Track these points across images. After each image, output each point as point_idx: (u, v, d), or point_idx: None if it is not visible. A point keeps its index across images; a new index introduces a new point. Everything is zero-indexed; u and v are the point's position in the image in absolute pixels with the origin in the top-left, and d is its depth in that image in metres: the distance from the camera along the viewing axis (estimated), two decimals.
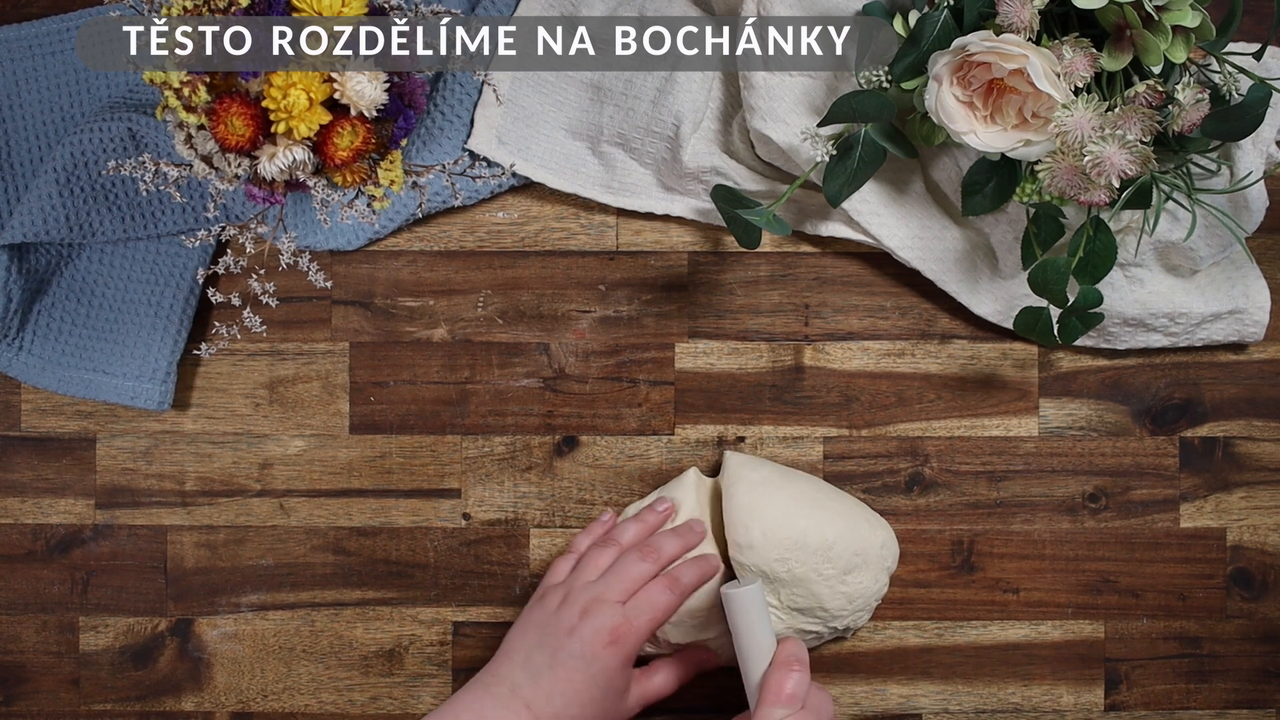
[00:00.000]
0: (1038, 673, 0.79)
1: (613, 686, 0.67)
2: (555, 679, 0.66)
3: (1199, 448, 0.79)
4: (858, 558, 0.73)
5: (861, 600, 0.74)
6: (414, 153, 0.77)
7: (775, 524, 0.71)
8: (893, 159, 0.75)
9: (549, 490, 0.79)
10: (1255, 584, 0.79)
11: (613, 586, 0.69)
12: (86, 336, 0.77)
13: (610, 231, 0.79)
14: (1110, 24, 0.65)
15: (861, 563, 0.73)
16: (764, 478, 0.73)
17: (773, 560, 0.71)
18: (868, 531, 0.73)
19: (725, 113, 0.77)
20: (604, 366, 0.79)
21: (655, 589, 0.69)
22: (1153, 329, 0.77)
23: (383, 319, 0.79)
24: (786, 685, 0.66)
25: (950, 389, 0.79)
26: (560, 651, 0.67)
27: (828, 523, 0.72)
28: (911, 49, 0.68)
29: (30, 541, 0.79)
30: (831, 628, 0.74)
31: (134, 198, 0.76)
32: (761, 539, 0.71)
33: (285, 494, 0.79)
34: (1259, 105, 0.65)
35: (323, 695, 0.79)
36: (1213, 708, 0.79)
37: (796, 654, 0.67)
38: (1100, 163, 0.64)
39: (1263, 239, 0.78)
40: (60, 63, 0.77)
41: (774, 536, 0.71)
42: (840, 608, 0.73)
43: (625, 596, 0.69)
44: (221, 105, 0.64)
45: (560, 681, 0.66)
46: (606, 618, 0.67)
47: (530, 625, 0.69)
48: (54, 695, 0.79)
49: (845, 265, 0.79)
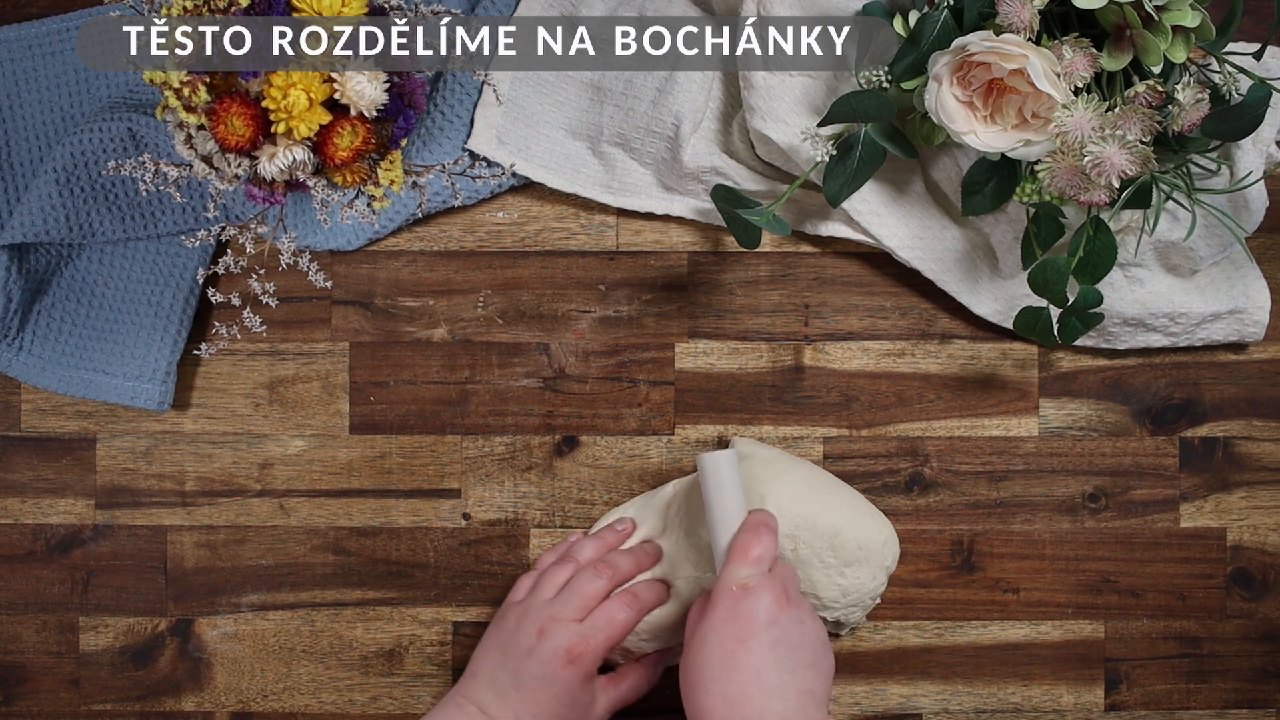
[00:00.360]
0: (1038, 673, 0.79)
1: (576, 701, 0.68)
2: (520, 699, 0.68)
3: (1199, 448, 0.79)
4: (860, 551, 0.72)
5: (856, 595, 0.73)
6: (414, 153, 0.77)
7: (788, 500, 0.71)
8: (893, 159, 0.75)
9: (549, 490, 0.79)
10: (1255, 584, 0.79)
11: (568, 604, 0.70)
12: (86, 336, 0.77)
13: (610, 231, 0.79)
14: (1110, 24, 0.65)
15: (863, 557, 0.73)
16: (776, 455, 0.73)
17: (782, 536, 0.71)
18: (872, 527, 0.73)
19: (725, 113, 0.77)
20: (604, 366, 0.79)
21: (612, 606, 0.70)
22: (1153, 329, 0.77)
23: (383, 319, 0.79)
24: (754, 548, 0.66)
25: (950, 389, 0.79)
26: (522, 672, 0.68)
27: (836, 510, 0.72)
28: (911, 49, 0.68)
29: (30, 541, 0.79)
30: (821, 618, 0.74)
31: (134, 198, 0.76)
32: (775, 511, 0.70)
33: (285, 494, 0.79)
34: (1259, 105, 0.65)
35: (323, 695, 0.79)
36: (1213, 708, 0.79)
37: (765, 520, 0.67)
38: (1100, 163, 0.64)
39: (1263, 239, 0.78)
40: (60, 63, 0.77)
41: (786, 512, 0.71)
42: (834, 599, 0.73)
43: (582, 614, 0.69)
44: (221, 105, 0.64)
45: (525, 702, 0.68)
46: (563, 638, 0.68)
47: (492, 645, 0.71)
48: (54, 695, 0.79)
49: (845, 265, 0.79)
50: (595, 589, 0.70)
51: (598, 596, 0.70)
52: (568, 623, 0.69)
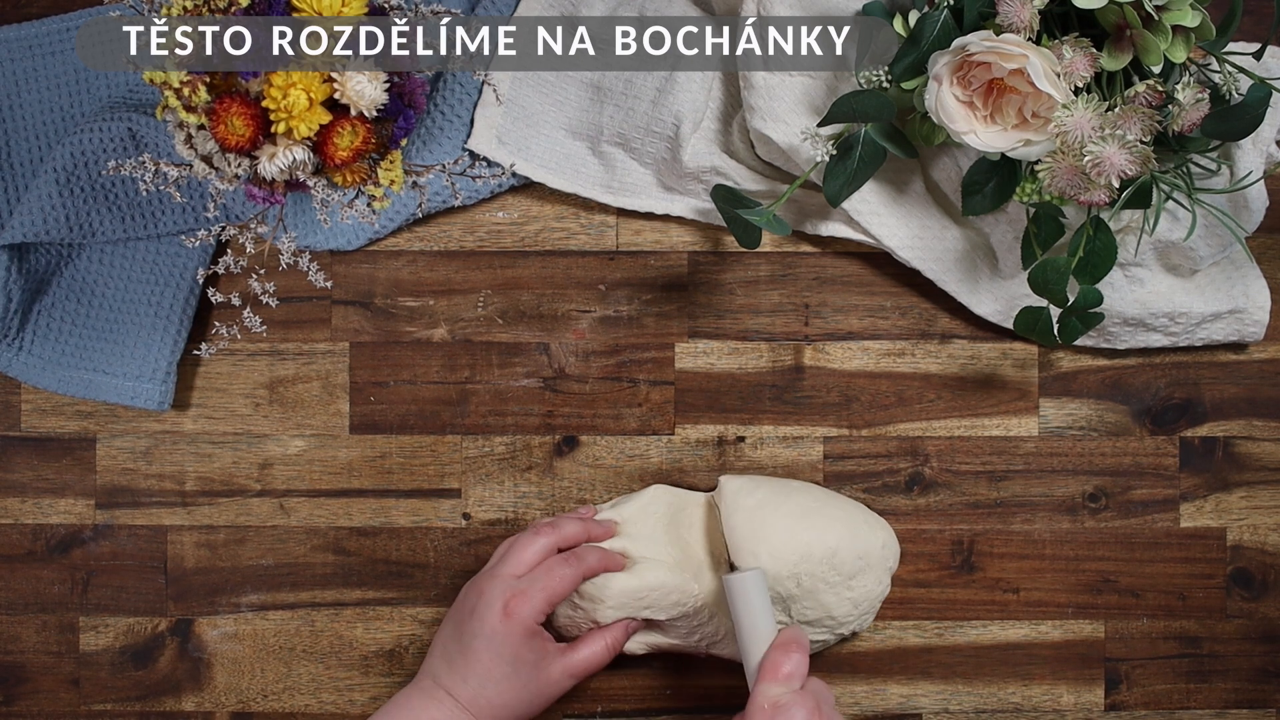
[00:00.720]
0: (1038, 673, 0.79)
1: (520, 659, 0.68)
2: (466, 662, 0.68)
3: (1199, 448, 0.79)
4: (861, 561, 0.72)
5: (867, 604, 0.74)
6: (414, 153, 0.77)
7: (779, 543, 0.71)
8: (893, 159, 0.75)
9: (549, 490, 0.79)
10: (1255, 584, 0.79)
11: (508, 563, 0.70)
12: (86, 336, 0.77)
13: (610, 231, 0.79)
14: (1110, 24, 0.65)
15: (865, 566, 0.73)
16: (759, 500, 0.73)
17: (784, 578, 0.71)
18: (868, 533, 0.73)
19: (725, 113, 0.77)
20: (604, 366, 0.79)
21: (553, 561, 0.70)
22: (1153, 329, 0.77)
23: (383, 319, 0.79)
24: (785, 665, 0.66)
25: (950, 389, 0.79)
26: (464, 634, 0.69)
27: (829, 530, 0.72)
28: (911, 49, 0.68)
29: (30, 541, 0.79)
30: (838, 634, 0.74)
31: (134, 198, 0.76)
32: (770, 560, 0.71)
33: (285, 494, 0.79)
34: (1259, 105, 0.65)
35: (323, 695, 0.79)
36: (1213, 708, 0.79)
37: (796, 638, 0.67)
38: (1100, 163, 0.64)
39: (1263, 239, 0.78)
40: (60, 63, 0.77)
41: (781, 555, 0.71)
42: (847, 614, 0.73)
43: (522, 571, 0.70)
44: (221, 105, 0.64)
45: (471, 664, 0.68)
46: (499, 592, 0.68)
47: (447, 620, 0.71)
48: (54, 695, 0.79)
49: (845, 265, 0.79)
50: (535, 546, 0.70)
51: (538, 553, 0.70)
52: (505, 578, 0.69)
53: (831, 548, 0.72)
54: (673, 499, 0.76)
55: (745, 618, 0.68)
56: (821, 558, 0.71)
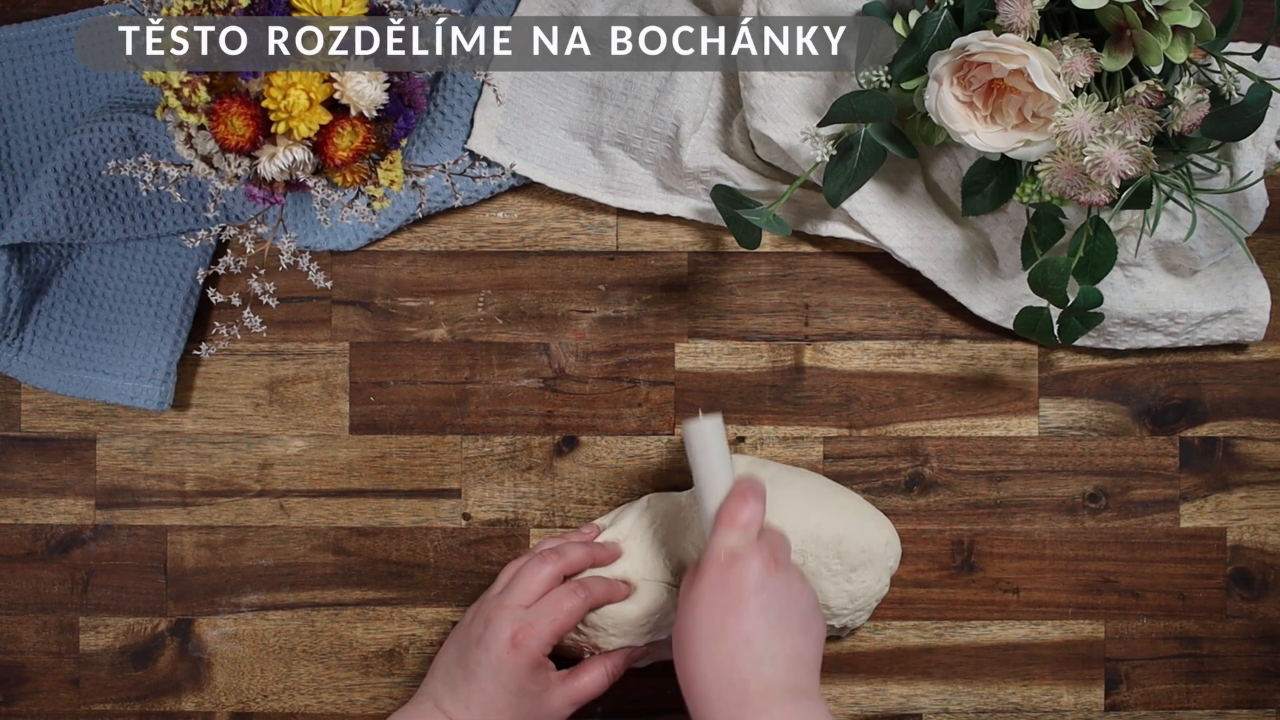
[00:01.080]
0: (1038, 673, 0.79)
1: (524, 690, 0.68)
2: (469, 690, 0.68)
3: (1199, 448, 0.79)
4: (864, 555, 0.72)
5: (863, 599, 0.74)
6: (414, 153, 0.77)
7: (789, 519, 0.71)
8: (893, 159, 0.75)
9: (549, 490, 0.79)
10: (1255, 584, 0.79)
11: (515, 592, 0.69)
12: (86, 336, 0.77)
13: (610, 231, 0.79)
14: (1110, 24, 0.65)
15: (867, 560, 0.73)
16: (771, 475, 0.73)
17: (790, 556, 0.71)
18: (873, 529, 0.73)
19: (725, 113, 0.77)
20: (604, 366, 0.79)
21: (559, 592, 0.70)
22: (1153, 329, 0.77)
23: (383, 319, 0.79)
24: (742, 513, 0.65)
25: (950, 389, 0.79)
26: (470, 662, 0.68)
27: (838, 517, 0.72)
28: (911, 49, 0.68)
29: (30, 541, 0.79)
30: (829, 626, 0.74)
31: (134, 198, 0.76)
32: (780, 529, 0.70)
33: (285, 494, 0.79)
34: (1259, 105, 0.65)
35: (323, 695, 0.79)
36: (1213, 708, 0.79)
37: (754, 486, 0.67)
38: (1100, 163, 0.64)
39: (1263, 239, 0.78)
40: (60, 63, 0.77)
41: (791, 528, 0.70)
42: (842, 606, 0.73)
43: (530, 601, 0.69)
44: (221, 105, 0.64)
45: (475, 692, 0.68)
46: (506, 622, 0.68)
47: (450, 643, 0.71)
48: (54, 695, 0.79)
49: (845, 265, 0.79)
50: (542, 574, 0.70)
51: (547, 581, 0.70)
52: (513, 608, 0.69)
53: (839, 534, 0.72)
54: (667, 505, 0.75)
55: (704, 466, 0.68)
56: (828, 542, 0.71)
